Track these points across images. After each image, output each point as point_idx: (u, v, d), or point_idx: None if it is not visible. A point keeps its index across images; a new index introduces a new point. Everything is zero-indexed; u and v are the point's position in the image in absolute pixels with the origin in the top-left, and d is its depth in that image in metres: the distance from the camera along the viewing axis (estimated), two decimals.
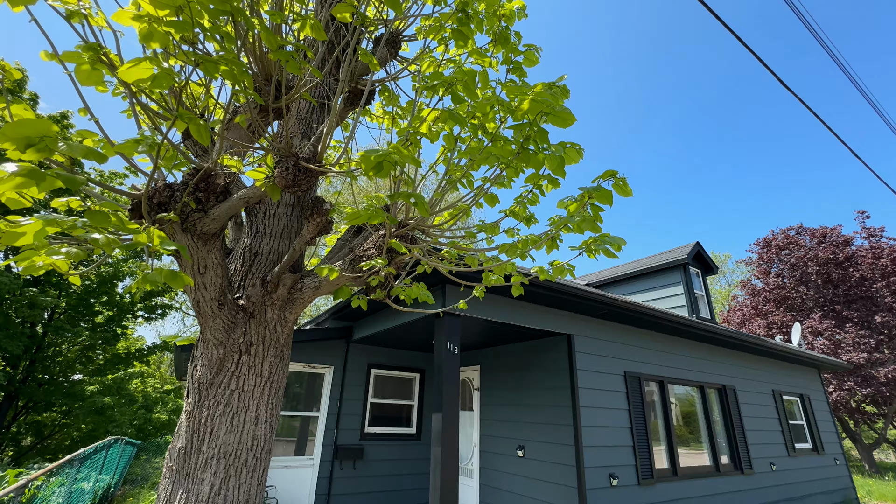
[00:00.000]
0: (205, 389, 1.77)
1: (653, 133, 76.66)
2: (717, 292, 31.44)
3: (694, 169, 78.34)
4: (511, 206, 1.85)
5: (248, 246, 2.02)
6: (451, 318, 4.45)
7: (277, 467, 6.02)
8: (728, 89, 67.43)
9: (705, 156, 76.70)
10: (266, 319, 1.91)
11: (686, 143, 76.75)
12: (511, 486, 5.63)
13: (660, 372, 6.26)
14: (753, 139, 70.49)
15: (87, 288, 12.40)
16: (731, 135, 71.87)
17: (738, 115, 69.14)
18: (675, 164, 78.97)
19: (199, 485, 1.65)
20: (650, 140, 77.96)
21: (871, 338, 14.82)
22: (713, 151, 75.81)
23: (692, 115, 73.36)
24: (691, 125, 74.60)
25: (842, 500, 8.50)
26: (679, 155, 78.24)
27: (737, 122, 70.18)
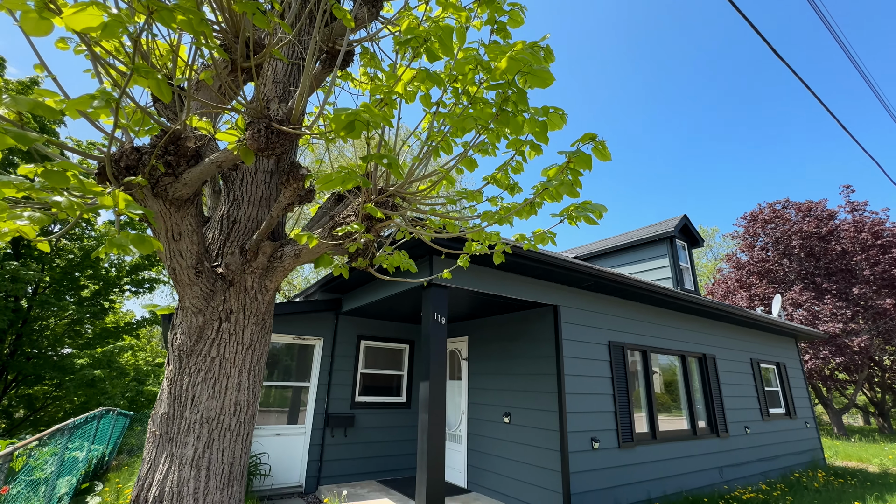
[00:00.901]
0: (185, 357, 1.77)
1: (656, 107, 75.86)
2: (704, 266, 32.00)
3: (686, 142, 78.14)
4: (493, 173, 1.83)
5: (225, 213, 1.98)
6: (439, 289, 4.48)
7: (270, 435, 6.15)
8: (721, 59, 66.49)
9: (697, 129, 76.38)
10: (246, 288, 1.89)
11: (681, 117, 76.20)
12: (497, 450, 5.84)
13: (643, 341, 6.42)
14: (748, 114, 70.19)
15: (70, 262, 12.19)
16: (728, 110, 71.44)
17: (738, 91, 68.51)
18: (668, 137, 78.63)
19: (182, 448, 1.67)
20: (653, 114, 77.24)
21: (848, 309, 15.32)
22: (708, 126, 75.47)
23: (687, 88, 72.52)
24: (686, 98, 73.87)
25: (810, 460, 8.99)
26: (673, 127, 77.79)
27: (738, 100, 69.62)
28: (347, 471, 6.52)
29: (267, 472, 5.93)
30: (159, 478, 1.64)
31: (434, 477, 3.89)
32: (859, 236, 16.09)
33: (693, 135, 77.37)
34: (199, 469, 1.67)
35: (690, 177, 78.22)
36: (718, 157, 76.13)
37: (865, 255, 15.77)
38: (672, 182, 79.11)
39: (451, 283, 4.55)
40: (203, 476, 1.67)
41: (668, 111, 75.64)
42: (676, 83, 71.59)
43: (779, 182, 69.45)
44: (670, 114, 75.93)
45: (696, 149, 77.80)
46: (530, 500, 5.17)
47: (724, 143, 74.73)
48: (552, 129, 1.71)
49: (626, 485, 5.41)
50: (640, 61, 68.11)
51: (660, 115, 76.84)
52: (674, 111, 75.35)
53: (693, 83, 71.07)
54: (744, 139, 72.35)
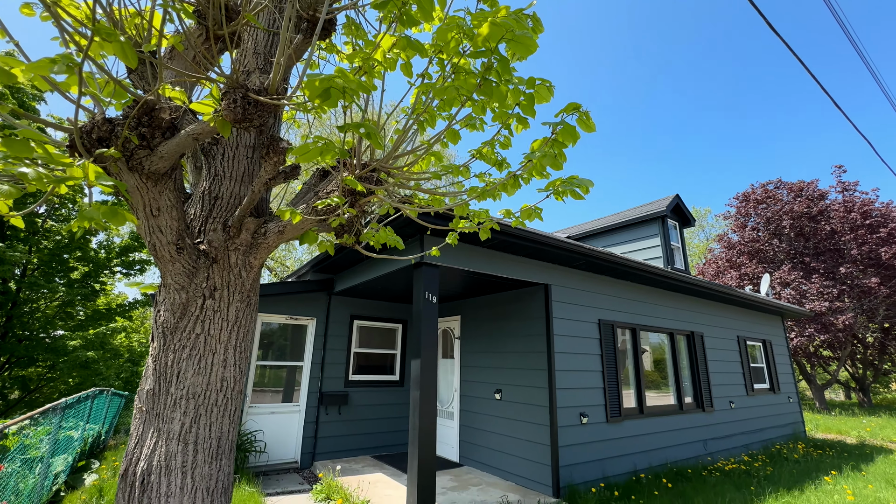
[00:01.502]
0: (169, 333, 1.76)
1: (660, 83, 74.94)
2: (696, 246, 32.27)
3: (683, 121, 77.66)
4: (479, 147, 1.80)
5: (206, 189, 1.94)
6: (430, 268, 4.48)
7: (264, 413, 6.23)
8: (715, 33, 65.49)
9: (694, 108, 75.81)
10: (230, 264, 1.87)
11: (680, 96, 75.47)
12: (489, 426, 5.97)
13: (633, 320, 6.51)
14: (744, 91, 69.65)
15: (58, 243, 12.02)
16: (727, 87, 70.78)
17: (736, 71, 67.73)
18: (663, 115, 78.05)
19: (169, 424, 1.68)
20: (657, 90, 76.36)
21: (834, 288, 15.61)
22: (705, 104, 74.89)
23: (681, 65, 71.55)
24: (686, 75, 72.99)
25: (791, 433, 9.30)
26: (667, 103, 77.13)
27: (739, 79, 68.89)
28: (342, 447, 6.65)
29: (262, 448, 6.03)
30: (147, 452, 1.66)
31: (425, 451, 3.98)
32: (849, 216, 16.26)
33: (690, 114, 76.86)
34: (186, 443, 1.68)
35: (687, 157, 78.08)
36: (715, 136, 75.91)
37: (854, 234, 15.97)
38: (668, 163, 78.97)
39: (443, 263, 4.55)
40: (191, 450, 1.68)
41: (668, 89, 74.86)
42: (678, 59, 70.61)
43: (775, 163, 69.57)
44: (670, 92, 75.17)
45: (692, 128, 77.43)
46: (520, 472, 5.32)
47: (720, 121, 74.41)
48: (539, 102, 1.68)
49: (613, 457, 5.57)
50: (643, 41, 66.92)
51: (659, 92, 76.06)
52: (674, 89, 74.59)
53: (693, 61, 70.15)
54: (742, 118, 72.06)
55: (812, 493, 5.17)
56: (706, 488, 5.25)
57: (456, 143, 1.60)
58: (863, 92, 56.22)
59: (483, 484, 5.33)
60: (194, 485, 1.67)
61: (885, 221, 15.94)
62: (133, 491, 1.63)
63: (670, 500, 4.75)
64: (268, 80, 1.44)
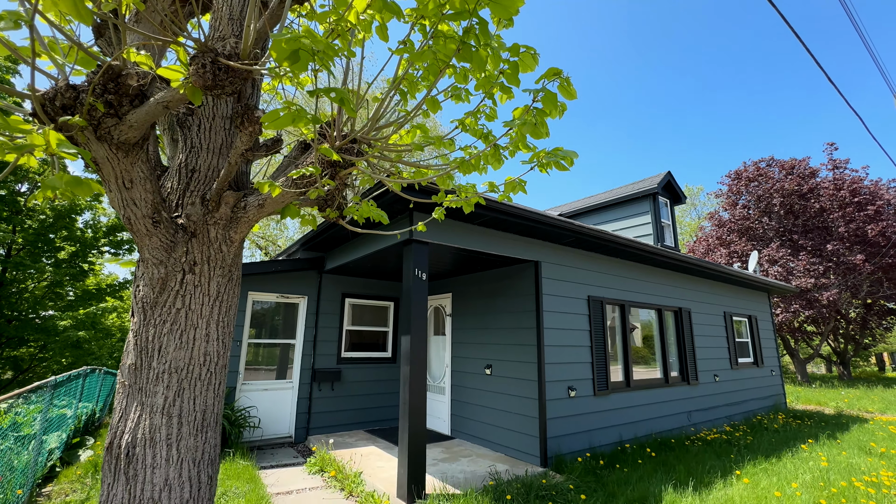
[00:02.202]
0: (149, 308, 1.74)
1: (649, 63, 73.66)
2: (688, 224, 32.50)
3: (679, 99, 76.85)
4: (462, 118, 1.75)
5: (183, 162, 1.88)
6: (419, 245, 4.46)
7: (258, 390, 6.29)
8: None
9: (691, 84, 74.93)
10: (209, 239, 1.84)
11: (678, 73, 74.39)
12: (479, 400, 6.09)
13: (622, 296, 6.59)
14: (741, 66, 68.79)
15: (42, 223, 11.79)
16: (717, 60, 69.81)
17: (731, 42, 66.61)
18: (657, 95, 77.14)
19: (152, 397, 1.68)
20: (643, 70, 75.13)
21: (821, 265, 15.87)
22: (703, 81, 73.99)
23: (677, 42, 70.28)
24: (682, 52, 71.79)
25: (773, 404, 9.61)
26: (663, 83, 76.15)
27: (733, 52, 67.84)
28: (336, 422, 6.77)
29: (256, 424, 6.12)
30: (131, 425, 1.66)
31: (415, 424, 4.06)
32: (838, 194, 16.40)
33: (686, 91, 76.01)
34: (170, 416, 1.69)
35: (682, 135, 77.65)
36: (709, 114, 75.36)
37: (842, 212, 16.14)
38: (663, 141, 78.53)
39: (432, 240, 4.53)
40: (175, 423, 1.69)
41: (666, 67, 73.71)
42: (673, 37, 69.27)
43: (770, 142, 69.47)
44: (666, 69, 74.06)
45: (688, 105, 76.73)
46: (510, 444, 5.47)
47: (715, 99, 73.74)
48: (524, 71, 1.63)
49: (600, 429, 5.73)
50: (638, 15, 65.38)
51: (655, 70, 74.92)
52: (671, 66, 73.45)
53: (689, 36, 68.87)
54: (736, 95, 71.44)
55: (789, 460, 5.38)
56: (688, 457, 5.44)
57: (436, 111, 1.55)
58: (860, 73, 55.78)
59: (473, 455, 5.48)
60: (180, 456, 1.69)
61: (872, 199, 16.11)
62: (118, 463, 1.64)
63: (653, 467, 4.92)
64: (239, 44, 1.38)
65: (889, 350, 28.30)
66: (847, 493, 4.19)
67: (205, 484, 1.75)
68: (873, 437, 6.88)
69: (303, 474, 4.97)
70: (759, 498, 4.01)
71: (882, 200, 16.06)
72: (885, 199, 16.23)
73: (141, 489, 1.62)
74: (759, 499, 3.98)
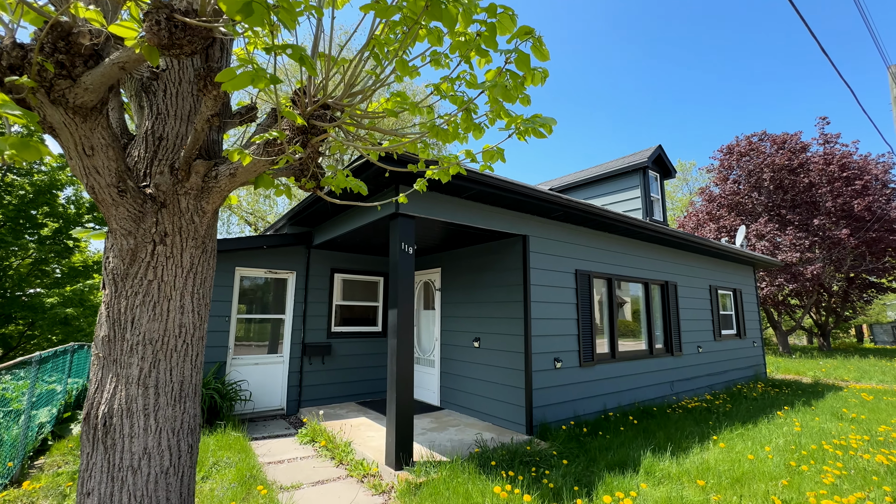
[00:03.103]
0: (120, 280, 1.71)
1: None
2: (679, 200, 32.60)
3: (673, 74, 75.67)
4: (438, 82, 1.70)
5: (150, 129, 1.81)
6: (406, 219, 4.43)
7: (248, 364, 6.34)
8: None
9: (689, 59, 73.65)
10: (180, 210, 1.79)
11: (676, 48, 72.91)
12: (468, 372, 6.20)
13: (609, 270, 6.65)
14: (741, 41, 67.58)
15: (22, 199, 11.50)
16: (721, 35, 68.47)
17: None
18: (655, 69, 75.84)
19: (127, 369, 1.68)
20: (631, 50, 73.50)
21: (807, 239, 16.10)
22: (698, 55, 72.71)
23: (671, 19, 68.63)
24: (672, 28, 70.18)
25: (753, 374, 9.93)
26: (663, 60, 74.76)
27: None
28: (327, 394, 6.88)
29: (248, 397, 6.20)
30: (107, 396, 1.66)
31: (402, 394, 4.13)
32: (827, 168, 16.47)
33: (681, 66, 74.78)
34: (146, 387, 1.69)
35: (678, 111, 76.90)
36: (706, 89, 74.48)
37: (830, 187, 16.26)
38: (658, 116, 77.77)
39: (419, 213, 4.49)
40: (152, 394, 1.69)
41: (667, 46, 72.17)
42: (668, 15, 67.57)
43: (765, 116, 69.10)
44: (664, 46, 72.56)
45: (684, 80, 75.65)
46: (497, 413, 5.61)
47: (710, 74, 72.74)
48: (502, 33, 1.57)
49: (584, 398, 5.89)
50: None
51: (650, 47, 73.36)
52: (673, 45, 71.93)
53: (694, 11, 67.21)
54: (733, 70, 70.49)
55: (764, 426, 5.60)
56: (669, 424, 5.63)
57: (406, 74, 1.50)
58: (857, 47, 55.07)
59: (461, 425, 5.62)
60: (158, 426, 1.70)
61: (860, 174, 16.22)
62: (96, 433, 1.65)
63: (634, 434, 5.09)
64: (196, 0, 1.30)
65: (868, 322, 29.20)
66: (816, 455, 4.39)
67: (185, 452, 1.77)
68: (846, 403, 7.17)
69: (294, 444, 5.08)
70: (732, 461, 4.18)
71: (870, 175, 16.17)
72: (873, 173, 16.35)
73: (120, 458, 1.64)
74: (733, 461, 4.16)
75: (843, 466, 4.03)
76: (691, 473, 3.89)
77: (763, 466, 4.04)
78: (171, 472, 1.71)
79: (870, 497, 3.34)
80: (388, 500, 3.59)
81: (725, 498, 3.39)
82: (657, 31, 72.39)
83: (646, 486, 3.56)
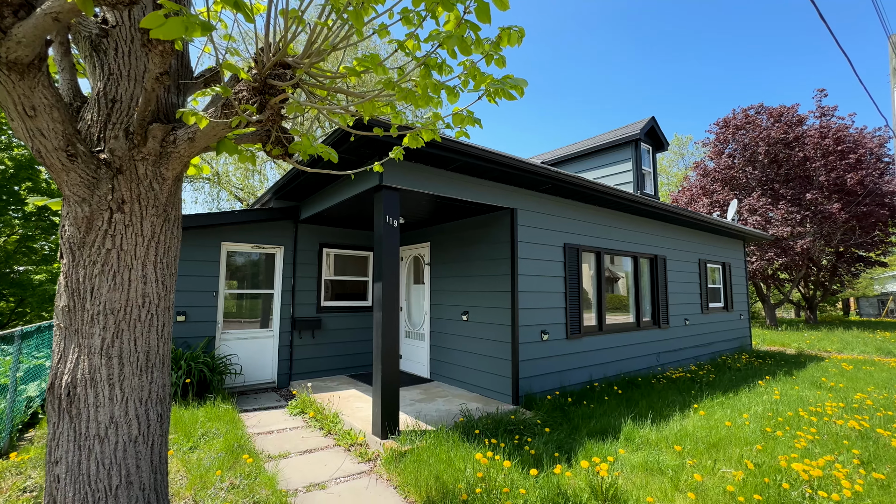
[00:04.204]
0: (77, 249, 1.66)
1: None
2: (675, 175, 32.46)
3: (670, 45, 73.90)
4: (403, 40, 1.61)
5: (102, 91, 1.72)
6: (390, 191, 4.35)
7: (238, 339, 6.36)
8: None
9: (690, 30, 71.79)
10: (138, 176, 1.73)
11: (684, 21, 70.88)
12: (457, 345, 6.27)
13: (598, 243, 6.65)
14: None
15: (3, 173, 11.22)
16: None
17: None
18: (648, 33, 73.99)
19: (89, 339, 1.65)
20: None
21: (798, 213, 16.14)
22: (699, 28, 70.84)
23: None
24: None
25: (739, 346, 10.14)
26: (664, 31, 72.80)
27: None
28: (318, 368, 6.95)
29: (238, 371, 6.25)
30: (70, 367, 1.64)
31: (388, 366, 4.16)
32: (822, 142, 16.35)
33: (680, 37, 72.95)
34: (109, 357, 1.66)
35: (677, 84, 75.53)
36: (703, 61, 72.96)
37: (824, 161, 16.18)
38: (657, 90, 76.42)
39: (404, 186, 4.42)
40: (116, 364, 1.67)
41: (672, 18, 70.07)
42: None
43: (767, 90, 68.09)
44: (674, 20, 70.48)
45: (682, 52, 73.97)
46: (484, 385, 5.70)
47: (711, 46, 71.11)
48: None
49: (571, 370, 5.99)
50: None
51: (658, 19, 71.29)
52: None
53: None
54: (733, 43, 68.92)
55: (745, 395, 5.74)
56: (652, 393, 5.76)
57: (382, 36, 1.41)
58: (859, 18, 53.80)
59: (450, 396, 5.72)
60: (124, 395, 1.69)
61: (855, 147, 16.13)
62: (60, 403, 1.63)
63: (617, 403, 5.21)
64: None
65: (855, 295, 29.73)
66: (792, 422, 4.52)
67: (154, 421, 1.77)
68: (826, 373, 7.35)
69: (284, 416, 5.15)
70: (710, 427, 4.30)
71: (864, 149, 16.09)
72: (868, 147, 16.26)
73: (86, 427, 1.63)
74: (711, 428, 4.27)
75: (816, 432, 4.15)
76: (669, 440, 4.00)
77: (740, 433, 4.16)
78: (140, 440, 1.71)
79: (839, 460, 3.46)
80: (374, 467, 3.67)
81: (700, 462, 3.50)
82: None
83: (624, 452, 3.66)
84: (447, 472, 3.19)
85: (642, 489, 3.05)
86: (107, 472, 1.63)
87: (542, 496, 2.88)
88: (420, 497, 3.01)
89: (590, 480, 3.02)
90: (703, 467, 3.39)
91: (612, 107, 78.45)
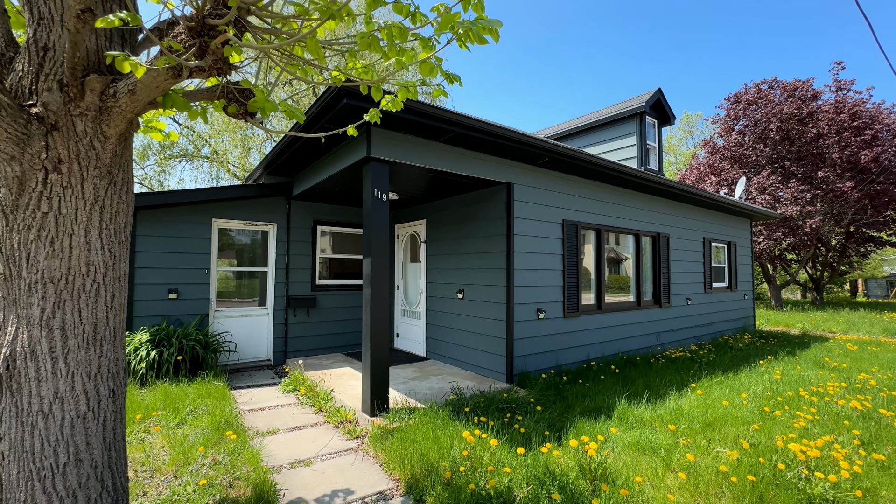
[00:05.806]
0: (10, 212, 1.53)
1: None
2: (683, 153, 31.75)
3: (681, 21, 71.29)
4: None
5: (31, 38, 1.56)
6: (378, 164, 4.18)
7: (231, 317, 6.32)
8: None
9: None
10: (76, 133, 1.58)
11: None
12: (452, 323, 6.18)
13: (598, 220, 6.45)
14: None
15: None
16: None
17: None
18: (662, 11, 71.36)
19: (27, 309, 1.53)
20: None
21: (809, 192, 15.71)
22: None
23: None
24: None
25: (742, 326, 9.99)
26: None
27: None
28: (314, 345, 6.92)
29: (233, 348, 6.23)
30: (9, 339, 1.53)
31: (377, 343, 4.08)
32: (837, 118, 15.75)
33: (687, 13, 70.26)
34: (51, 329, 1.55)
35: (687, 59, 73.22)
36: (718, 35, 70.46)
37: (838, 137, 15.63)
38: (663, 62, 74.17)
39: (394, 158, 4.24)
40: (58, 336, 1.56)
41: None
42: None
43: (781, 65, 65.85)
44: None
45: (694, 27, 71.39)
46: (479, 363, 5.63)
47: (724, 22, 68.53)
48: None
49: (568, 348, 5.89)
50: None
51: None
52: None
53: None
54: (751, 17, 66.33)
55: (745, 374, 5.63)
56: (650, 373, 5.66)
57: None
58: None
59: (444, 374, 5.66)
60: (70, 370, 1.58)
61: (871, 123, 15.53)
62: (0, 376, 1.53)
63: (614, 382, 5.12)
64: None
65: (863, 276, 29.33)
66: (792, 402, 4.41)
67: (105, 397, 1.67)
68: (829, 353, 7.21)
69: (276, 393, 5.13)
70: (707, 407, 4.20)
71: (881, 125, 15.49)
72: (885, 122, 15.65)
73: (28, 402, 1.53)
74: (707, 407, 4.18)
75: (816, 412, 4.04)
76: (664, 419, 3.91)
77: (737, 412, 4.06)
78: (89, 416, 1.62)
79: (838, 440, 3.35)
80: (361, 444, 3.62)
81: (695, 442, 3.40)
82: None
83: (616, 431, 3.57)
84: (433, 449, 3.12)
85: (632, 468, 2.96)
86: (52, 450, 1.54)
87: (529, 475, 2.80)
88: (404, 474, 2.95)
89: (578, 459, 2.94)
90: (696, 447, 3.29)
91: (627, 87, 76.43)
